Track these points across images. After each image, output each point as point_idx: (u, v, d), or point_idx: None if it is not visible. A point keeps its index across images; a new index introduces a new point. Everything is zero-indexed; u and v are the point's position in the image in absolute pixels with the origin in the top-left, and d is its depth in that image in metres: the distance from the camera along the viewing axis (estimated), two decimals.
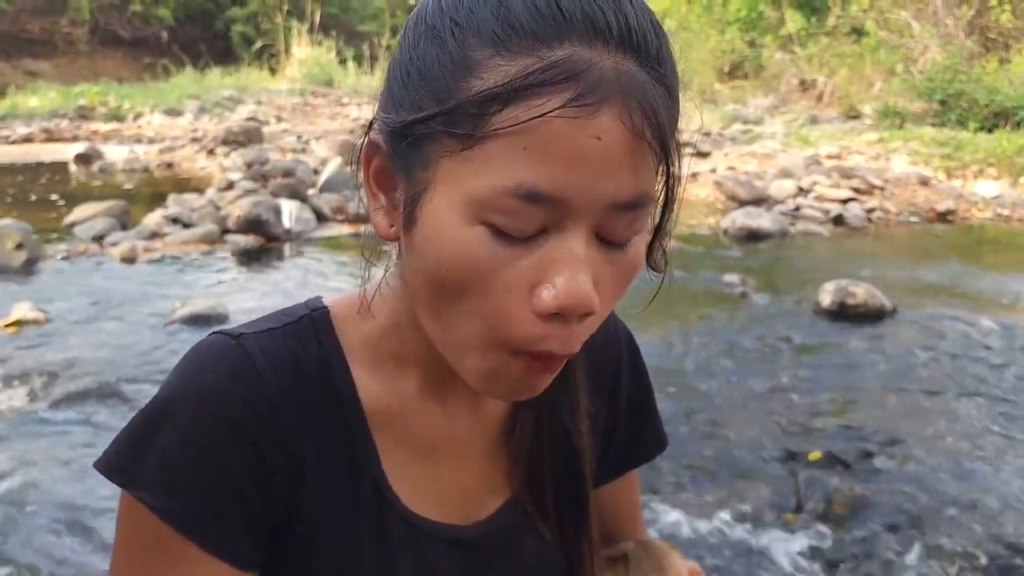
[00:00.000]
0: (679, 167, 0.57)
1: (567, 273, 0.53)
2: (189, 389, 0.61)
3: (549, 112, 0.50)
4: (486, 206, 0.53)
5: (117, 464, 0.61)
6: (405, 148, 0.56)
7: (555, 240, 0.54)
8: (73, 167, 9.94)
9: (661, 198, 0.58)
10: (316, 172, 8.03)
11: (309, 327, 0.67)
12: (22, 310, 4.36)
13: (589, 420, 0.75)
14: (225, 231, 6.11)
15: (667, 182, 0.56)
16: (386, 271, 0.67)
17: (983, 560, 2.45)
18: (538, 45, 0.51)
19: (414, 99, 0.56)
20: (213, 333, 0.65)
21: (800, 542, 2.53)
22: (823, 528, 2.60)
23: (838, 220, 7.19)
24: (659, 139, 0.53)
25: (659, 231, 0.60)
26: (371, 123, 0.61)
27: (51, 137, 12.22)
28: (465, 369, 0.59)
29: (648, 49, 0.53)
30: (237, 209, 6.19)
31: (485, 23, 0.53)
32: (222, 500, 0.61)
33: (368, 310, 0.67)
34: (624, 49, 0.52)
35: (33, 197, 7.99)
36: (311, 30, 18.69)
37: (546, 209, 0.52)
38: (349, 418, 0.66)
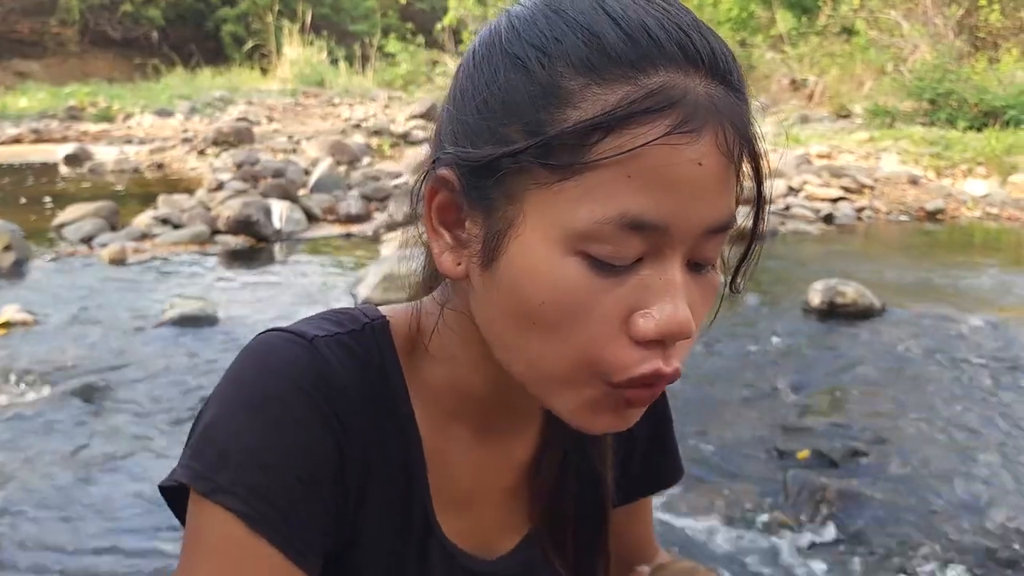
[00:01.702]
0: (769, 188, 0.57)
1: (666, 300, 0.53)
2: (276, 385, 0.58)
3: (654, 140, 0.50)
4: (586, 237, 0.52)
5: (198, 471, 0.57)
6: (490, 182, 0.55)
7: (652, 267, 0.53)
8: (63, 168, 9.90)
9: (750, 222, 0.58)
10: (307, 173, 8.02)
11: (371, 338, 0.65)
12: (10, 312, 4.35)
13: (613, 459, 0.76)
14: (215, 232, 6.10)
15: (757, 205, 0.56)
16: (443, 305, 0.64)
17: (970, 556, 2.46)
18: (634, 73, 0.51)
19: (497, 132, 0.54)
20: (276, 330, 0.62)
21: (788, 540, 2.54)
22: (811, 526, 2.60)
23: (828, 219, 7.21)
24: (753, 159, 0.54)
25: (747, 255, 0.60)
26: (435, 158, 0.59)
27: (40, 138, 12.16)
28: (560, 404, 0.58)
29: (732, 73, 0.54)
30: (227, 210, 6.18)
31: (577, 51, 0.52)
32: (312, 501, 0.58)
33: (425, 345, 0.65)
34: (713, 74, 0.53)
35: (22, 198, 7.95)
36: (302, 30, 18.64)
37: (647, 237, 0.52)
38: (408, 439, 0.65)
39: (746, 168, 0.56)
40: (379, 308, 0.68)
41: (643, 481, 0.82)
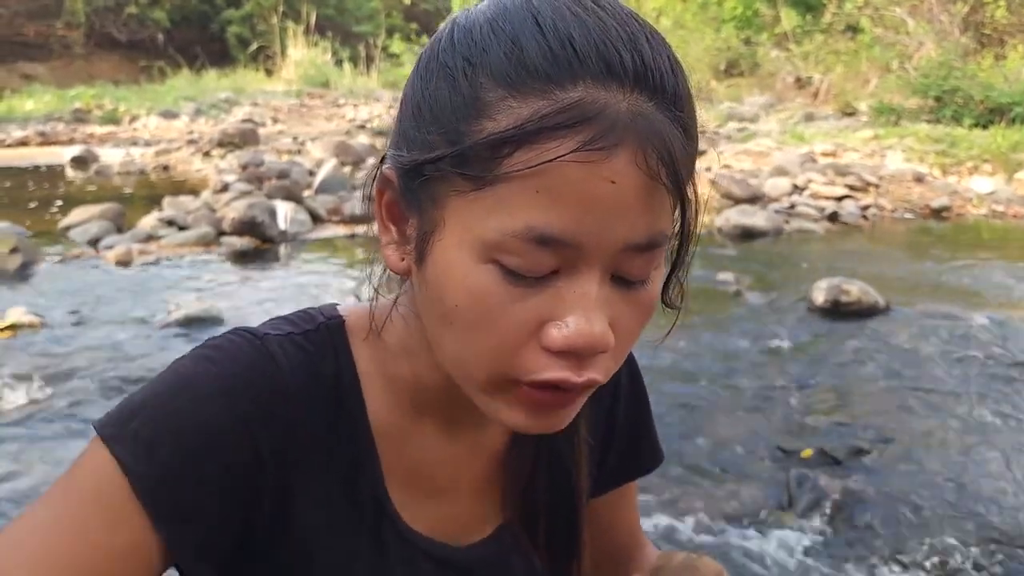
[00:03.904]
0: (695, 207, 0.56)
1: (579, 312, 0.53)
2: (212, 372, 0.60)
3: (562, 156, 0.50)
4: (496, 247, 0.52)
5: (110, 421, 0.59)
6: (416, 186, 0.56)
7: (567, 280, 0.53)
8: (69, 170, 9.94)
9: (676, 238, 0.57)
10: (311, 174, 8.04)
11: (326, 336, 0.66)
12: (17, 314, 4.37)
13: (588, 452, 0.76)
14: (220, 233, 6.12)
15: (683, 224, 0.56)
16: (397, 296, 0.66)
17: (974, 556, 2.46)
18: (551, 87, 0.51)
19: (425, 138, 0.55)
20: (235, 330, 0.64)
21: (791, 539, 2.54)
22: (814, 525, 2.61)
23: (833, 217, 7.20)
24: (674, 182, 0.52)
25: (675, 270, 0.59)
26: (383, 157, 0.61)
27: (47, 140, 12.23)
28: (482, 403, 0.59)
29: (665, 89, 0.52)
30: (232, 211, 6.19)
31: (498, 64, 0.52)
32: (199, 490, 0.58)
33: (378, 334, 0.66)
34: (640, 89, 0.52)
35: (29, 201, 7.99)
36: (307, 31, 18.70)
37: (557, 252, 0.52)
38: (357, 433, 0.65)
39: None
40: (337, 307, 0.70)
41: (623, 467, 0.82)
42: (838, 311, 4.53)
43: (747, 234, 6.49)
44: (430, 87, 0.56)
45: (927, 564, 2.43)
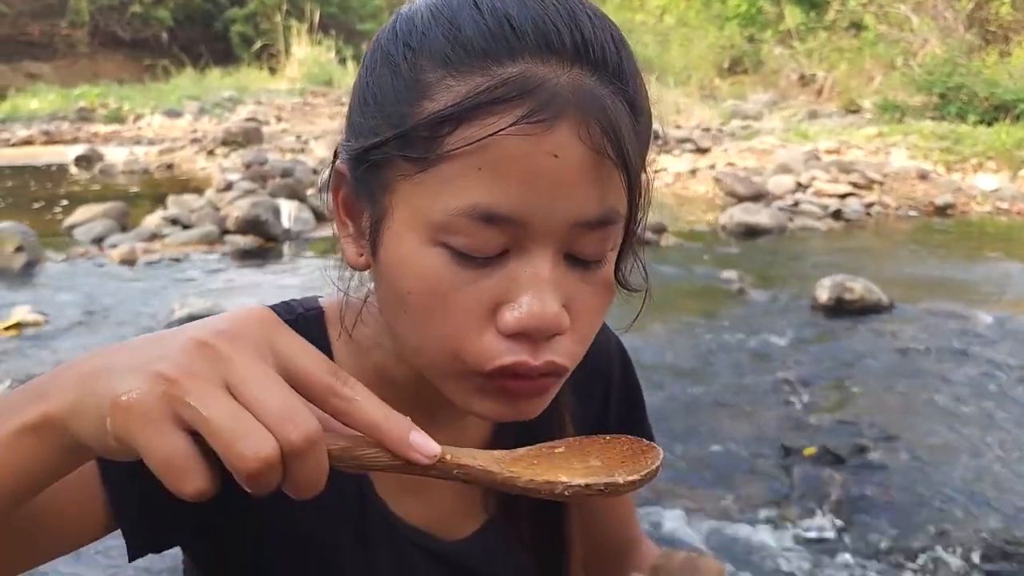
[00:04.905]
0: (645, 183, 0.56)
1: (532, 293, 0.52)
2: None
3: (501, 130, 0.49)
4: (443, 228, 0.52)
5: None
6: (365, 174, 0.56)
7: (518, 261, 0.53)
8: (73, 169, 9.96)
9: (625, 215, 0.56)
10: (315, 172, 8.04)
11: (304, 327, 0.66)
12: (21, 313, 4.38)
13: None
14: (224, 232, 6.13)
15: (629, 200, 0.54)
16: (368, 293, 0.66)
17: (977, 554, 2.45)
18: (489, 63, 0.51)
19: (371, 125, 0.55)
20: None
21: (794, 537, 2.54)
22: (817, 523, 2.60)
23: (836, 215, 7.19)
24: (620, 155, 0.51)
25: (623, 248, 0.58)
26: (336, 152, 0.61)
27: (51, 139, 12.26)
28: (450, 392, 0.58)
29: (607, 63, 0.52)
30: (236, 210, 6.20)
31: (437, 45, 0.53)
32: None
33: (350, 335, 0.66)
34: (581, 64, 0.51)
35: (33, 200, 8.01)
36: (310, 30, 18.70)
37: (505, 230, 0.52)
38: None
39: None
40: (318, 299, 0.70)
41: None
42: (841, 309, 4.53)
43: (751, 232, 6.49)
44: (374, 76, 0.57)
45: (929, 562, 2.43)
